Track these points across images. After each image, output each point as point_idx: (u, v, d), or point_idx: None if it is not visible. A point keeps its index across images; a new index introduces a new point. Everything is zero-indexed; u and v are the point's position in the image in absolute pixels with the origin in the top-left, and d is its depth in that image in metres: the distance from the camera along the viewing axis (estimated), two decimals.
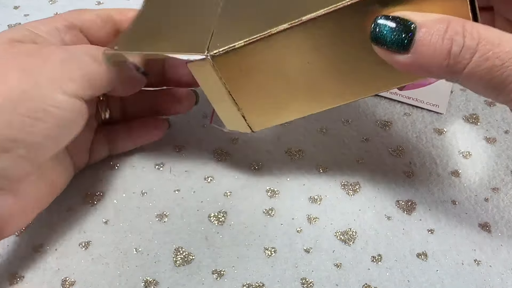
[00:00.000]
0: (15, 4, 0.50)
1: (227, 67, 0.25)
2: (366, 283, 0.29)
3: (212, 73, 0.25)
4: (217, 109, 0.28)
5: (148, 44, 0.27)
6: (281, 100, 0.27)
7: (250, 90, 0.26)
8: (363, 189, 0.34)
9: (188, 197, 0.34)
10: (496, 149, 0.36)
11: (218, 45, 0.24)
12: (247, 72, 0.25)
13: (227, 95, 0.26)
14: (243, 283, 0.29)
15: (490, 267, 0.30)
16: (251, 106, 0.27)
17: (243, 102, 0.27)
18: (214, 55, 0.24)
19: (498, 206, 0.33)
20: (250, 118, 0.28)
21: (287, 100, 0.27)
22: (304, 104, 0.27)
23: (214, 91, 0.27)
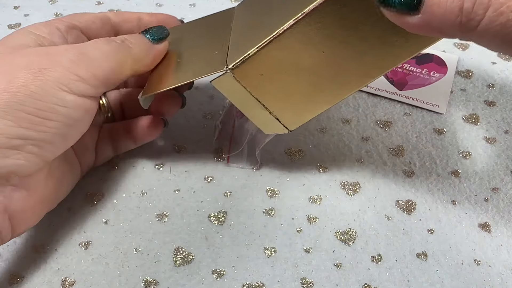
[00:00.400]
0: (15, 4, 0.50)
1: (248, 76, 0.26)
2: (366, 283, 0.29)
3: (236, 84, 0.26)
4: (251, 117, 0.29)
5: (175, 78, 0.28)
6: (308, 95, 0.27)
7: (276, 92, 0.27)
8: (363, 189, 0.34)
9: (188, 197, 0.34)
10: (496, 149, 0.36)
11: (235, 58, 0.26)
12: (269, 75, 0.26)
13: (255, 102, 0.27)
14: (243, 283, 0.29)
15: (490, 267, 0.30)
16: (281, 107, 0.28)
17: (273, 105, 0.28)
18: (233, 68, 0.25)
19: (498, 206, 0.33)
20: (283, 118, 0.29)
21: (314, 93, 0.27)
22: (332, 92, 0.27)
23: (243, 101, 0.28)
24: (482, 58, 0.44)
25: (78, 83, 0.25)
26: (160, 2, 0.51)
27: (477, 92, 0.41)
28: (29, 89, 0.23)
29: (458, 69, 0.43)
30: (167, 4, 0.50)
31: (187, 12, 0.49)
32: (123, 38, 0.28)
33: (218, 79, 0.26)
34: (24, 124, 0.23)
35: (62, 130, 0.25)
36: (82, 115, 0.26)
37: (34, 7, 0.50)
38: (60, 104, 0.24)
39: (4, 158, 0.23)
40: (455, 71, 0.42)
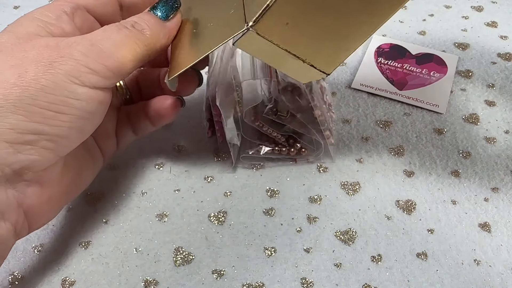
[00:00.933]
0: (15, 4, 0.50)
1: (272, 28, 0.24)
2: (366, 283, 0.29)
3: (261, 40, 0.24)
4: (285, 70, 0.27)
5: (197, 51, 0.27)
6: (339, 31, 0.25)
7: (305, 38, 0.25)
8: (363, 189, 0.34)
9: (188, 197, 0.34)
10: (496, 149, 0.36)
11: (254, 12, 0.23)
12: (294, 22, 0.24)
13: (286, 54, 0.25)
14: (243, 283, 0.29)
15: (490, 267, 0.30)
16: (313, 53, 0.26)
17: (304, 52, 0.26)
18: (254, 23, 0.23)
19: (498, 206, 0.33)
20: (318, 63, 0.27)
21: (346, 28, 0.25)
22: (365, 23, 0.25)
23: (272, 56, 0.26)
24: (482, 58, 0.44)
25: (90, 75, 0.24)
26: None
27: (477, 92, 0.41)
28: (40, 82, 0.23)
29: (458, 69, 0.43)
30: None
31: None
32: (133, 21, 0.27)
33: (240, 40, 0.24)
34: (36, 118, 0.23)
35: (76, 123, 0.24)
36: (96, 107, 0.25)
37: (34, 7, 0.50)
38: (72, 97, 0.23)
39: (17, 154, 0.22)
40: (455, 71, 0.42)
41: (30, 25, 0.25)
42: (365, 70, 0.43)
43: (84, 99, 0.24)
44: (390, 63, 0.43)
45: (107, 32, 0.26)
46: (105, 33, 0.26)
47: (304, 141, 0.35)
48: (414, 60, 0.43)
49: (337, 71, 0.43)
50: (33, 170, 0.24)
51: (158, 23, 0.27)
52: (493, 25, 0.48)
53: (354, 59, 0.44)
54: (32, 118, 0.22)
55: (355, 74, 0.42)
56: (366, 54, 0.44)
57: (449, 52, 0.44)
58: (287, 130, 0.34)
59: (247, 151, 0.35)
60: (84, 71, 0.24)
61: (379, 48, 0.45)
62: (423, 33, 0.47)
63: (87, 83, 0.24)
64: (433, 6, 0.50)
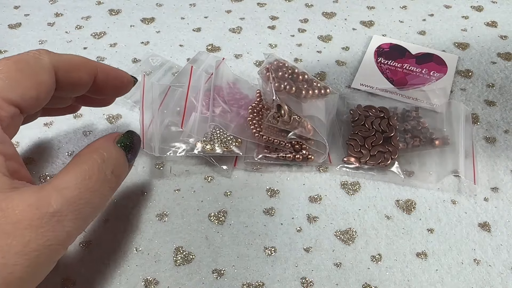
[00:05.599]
0: (15, 4, 0.50)
1: None
2: (366, 282, 0.29)
3: None
4: None
5: None
6: None
7: None
8: (363, 189, 0.34)
9: (188, 197, 0.34)
10: (496, 149, 0.36)
11: None
12: None
13: None
14: (243, 282, 0.29)
15: (490, 266, 0.30)
16: None
17: None
18: None
19: (498, 206, 0.33)
20: None
21: None
22: None
23: None
24: (482, 58, 0.44)
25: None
26: (160, 2, 0.51)
27: (477, 92, 0.41)
28: None
29: (458, 69, 0.43)
30: (167, 4, 0.50)
31: (187, 12, 0.49)
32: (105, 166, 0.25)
33: None
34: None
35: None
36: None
37: (34, 7, 0.50)
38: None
39: None
40: (455, 70, 0.42)
41: None
42: (365, 69, 0.43)
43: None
44: (390, 63, 0.43)
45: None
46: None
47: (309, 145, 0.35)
48: (414, 60, 0.43)
49: (337, 71, 0.43)
50: None
51: (125, 162, 0.27)
52: (493, 25, 0.48)
53: (354, 59, 0.44)
54: None
55: (355, 74, 0.42)
56: (366, 54, 0.44)
57: (449, 52, 0.44)
58: (292, 137, 0.35)
59: (251, 156, 0.35)
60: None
61: (379, 48, 0.45)
62: (423, 33, 0.47)
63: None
64: (433, 6, 0.50)
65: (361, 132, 0.36)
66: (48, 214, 0.21)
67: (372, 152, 0.35)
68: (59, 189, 0.22)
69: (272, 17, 0.49)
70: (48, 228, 0.21)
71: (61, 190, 0.22)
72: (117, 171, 0.25)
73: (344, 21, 0.48)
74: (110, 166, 0.25)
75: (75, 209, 0.22)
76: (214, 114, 0.35)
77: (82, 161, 0.24)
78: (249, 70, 0.43)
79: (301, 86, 0.36)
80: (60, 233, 0.21)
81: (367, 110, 0.37)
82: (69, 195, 0.22)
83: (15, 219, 0.20)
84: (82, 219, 0.23)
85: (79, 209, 0.22)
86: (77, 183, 0.22)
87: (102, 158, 0.24)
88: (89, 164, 0.24)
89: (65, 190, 0.22)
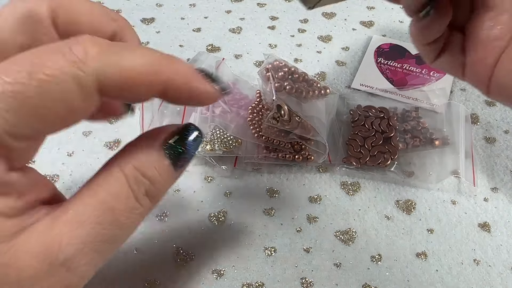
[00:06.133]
0: None
1: None
2: (366, 282, 0.29)
3: None
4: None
5: None
6: None
7: None
8: (363, 189, 0.34)
9: (188, 197, 0.34)
10: (496, 149, 0.36)
11: None
12: None
13: None
14: (243, 283, 0.29)
15: (490, 267, 0.30)
16: None
17: None
18: None
19: (498, 206, 0.33)
20: None
21: None
22: None
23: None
24: None
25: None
26: (160, 2, 0.51)
27: (477, 92, 0.41)
28: None
29: None
30: (167, 4, 0.50)
31: (187, 12, 0.49)
32: (137, 173, 0.18)
33: None
34: None
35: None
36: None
37: None
38: None
39: None
40: None
41: None
42: (365, 70, 0.43)
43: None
44: (390, 63, 0.43)
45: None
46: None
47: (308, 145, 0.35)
48: (414, 60, 0.43)
49: (337, 71, 0.43)
50: None
51: (170, 177, 0.19)
52: None
53: (354, 59, 0.44)
54: None
55: (355, 74, 0.42)
56: (366, 54, 0.44)
57: None
58: (292, 137, 0.35)
59: (251, 156, 0.35)
60: None
61: (379, 48, 0.45)
62: None
63: None
64: None
65: (361, 132, 0.36)
66: (57, 264, 0.16)
67: (372, 153, 0.35)
68: (72, 225, 0.17)
69: (272, 17, 0.49)
70: (57, 279, 0.17)
71: (74, 228, 0.17)
72: (154, 192, 0.19)
73: (344, 21, 0.48)
74: (144, 185, 0.18)
75: (91, 249, 0.17)
76: (214, 114, 0.35)
77: (106, 181, 0.18)
78: (249, 70, 0.43)
79: (301, 87, 0.36)
80: (72, 280, 0.17)
81: (367, 111, 0.37)
82: (85, 233, 0.17)
83: (17, 276, 0.16)
84: (99, 259, 0.18)
85: (97, 248, 0.17)
86: (97, 215, 0.17)
87: (135, 176, 0.18)
88: (116, 186, 0.18)
89: (79, 228, 0.17)
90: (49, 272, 0.16)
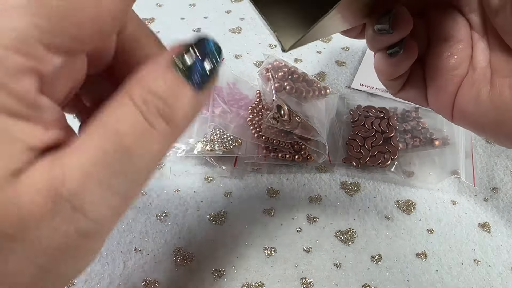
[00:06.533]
0: None
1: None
2: (366, 282, 0.29)
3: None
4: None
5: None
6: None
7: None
8: (363, 190, 0.34)
9: (188, 197, 0.34)
10: (496, 149, 0.36)
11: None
12: None
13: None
14: (243, 283, 0.29)
15: (490, 267, 0.30)
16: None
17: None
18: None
19: (498, 206, 0.33)
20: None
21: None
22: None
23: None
24: None
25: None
26: (160, 2, 0.51)
27: None
28: None
29: None
30: (167, 4, 0.50)
31: (187, 12, 0.49)
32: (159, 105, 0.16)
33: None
34: None
35: None
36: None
37: None
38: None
39: None
40: None
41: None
42: (365, 70, 0.43)
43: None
44: None
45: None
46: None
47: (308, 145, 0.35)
48: None
49: (337, 71, 0.43)
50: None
51: (191, 103, 0.17)
52: None
53: (354, 59, 0.44)
54: None
55: (355, 74, 0.42)
56: (366, 54, 0.44)
57: None
58: (292, 137, 0.35)
59: (251, 156, 0.35)
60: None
61: None
62: None
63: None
64: None
65: (361, 132, 0.36)
66: (62, 201, 0.14)
67: (372, 153, 0.35)
68: (74, 156, 0.15)
69: None
70: (64, 220, 0.14)
71: (77, 159, 0.15)
72: (169, 112, 0.16)
73: None
74: (155, 104, 0.16)
75: (98, 185, 0.15)
76: (214, 114, 0.35)
77: (112, 108, 0.15)
78: (249, 70, 0.43)
79: (301, 87, 0.36)
80: (82, 223, 0.15)
81: (367, 111, 0.37)
82: (88, 164, 0.15)
83: (19, 215, 0.14)
84: (113, 198, 0.15)
85: (106, 184, 0.15)
86: (101, 143, 0.15)
87: (141, 95, 0.15)
88: (122, 110, 0.15)
89: (82, 158, 0.15)
90: (54, 210, 0.14)
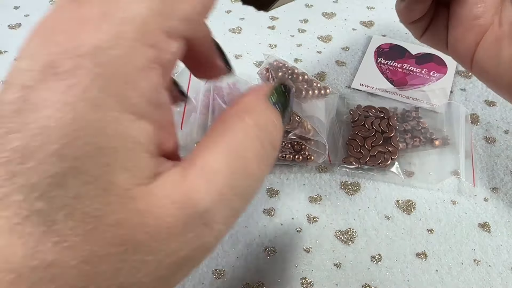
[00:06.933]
0: (15, 4, 0.50)
1: None
2: (366, 282, 0.29)
3: None
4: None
5: None
6: None
7: None
8: (363, 190, 0.34)
9: None
10: (496, 149, 0.36)
11: None
12: None
13: None
14: (243, 283, 0.29)
15: (490, 267, 0.30)
16: None
17: None
18: None
19: (498, 206, 0.33)
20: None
21: None
22: None
23: None
24: None
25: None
26: None
27: (477, 92, 0.41)
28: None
29: (458, 69, 0.43)
30: None
31: None
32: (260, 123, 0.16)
33: None
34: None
35: None
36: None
37: (34, 7, 0.50)
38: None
39: None
40: (455, 71, 0.42)
41: None
42: (365, 70, 0.43)
43: None
44: (390, 63, 0.43)
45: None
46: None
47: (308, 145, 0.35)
48: (414, 60, 0.43)
49: (337, 71, 0.43)
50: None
51: (281, 127, 0.17)
52: None
53: (354, 59, 0.44)
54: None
55: (355, 74, 0.42)
56: (366, 54, 0.44)
57: None
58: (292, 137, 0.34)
59: None
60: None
61: (379, 48, 0.45)
62: None
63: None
64: None
65: (361, 132, 0.36)
66: (196, 216, 0.14)
67: (372, 153, 0.35)
68: (206, 174, 0.14)
69: (272, 17, 0.49)
70: (194, 235, 0.14)
71: (210, 178, 0.14)
72: (275, 142, 0.17)
73: (344, 21, 0.48)
74: (266, 132, 0.16)
75: (226, 204, 0.15)
76: (214, 114, 0.35)
77: (230, 130, 0.15)
78: (249, 70, 0.43)
79: (301, 86, 0.36)
80: (207, 239, 0.15)
81: (367, 111, 0.37)
82: (221, 184, 0.14)
83: (155, 226, 0.13)
84: (232, 217, 0.16)
85: (231, 203, 0.15)
86: (229, 164, 0.15)
87: (257, 123, 0.16)
88: (241, 134, 0.15)
89: (215, 178, 0.14)
90: (187, 224, 0.14)
